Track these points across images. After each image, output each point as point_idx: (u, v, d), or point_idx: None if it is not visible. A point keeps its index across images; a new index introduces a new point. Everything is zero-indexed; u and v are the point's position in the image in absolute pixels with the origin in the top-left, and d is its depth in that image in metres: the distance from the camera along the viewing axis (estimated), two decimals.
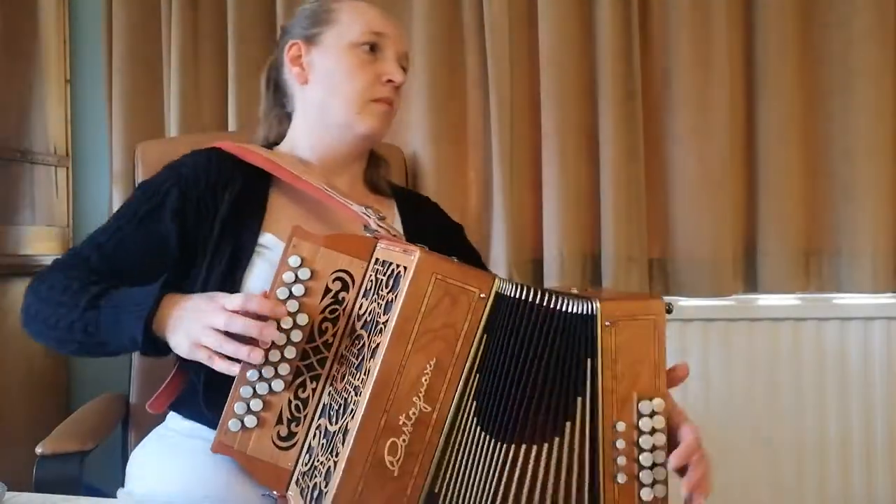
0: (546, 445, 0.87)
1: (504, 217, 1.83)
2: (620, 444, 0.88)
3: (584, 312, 0.88)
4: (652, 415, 0.89)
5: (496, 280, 0.86)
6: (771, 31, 1.82)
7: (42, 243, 2.02)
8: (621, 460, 0.88)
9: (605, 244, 1.82)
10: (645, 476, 0.89)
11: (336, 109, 1.21)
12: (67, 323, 1.03)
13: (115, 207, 1.45)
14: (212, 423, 1.00)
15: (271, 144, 1.30)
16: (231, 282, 1.09)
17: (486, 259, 1.87)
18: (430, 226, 1.30)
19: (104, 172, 2.06)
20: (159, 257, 1.12)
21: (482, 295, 0.85)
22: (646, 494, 0.89)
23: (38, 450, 1.22)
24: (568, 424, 0.87)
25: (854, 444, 1.82)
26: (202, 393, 1.06)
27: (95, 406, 1.47)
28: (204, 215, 1.13)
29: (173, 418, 1.15)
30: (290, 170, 1.16)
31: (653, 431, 0.89)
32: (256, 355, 0.91)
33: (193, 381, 1.09)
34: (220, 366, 0.93)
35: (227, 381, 0.95)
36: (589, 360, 0.88)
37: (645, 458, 0.89)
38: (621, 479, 0.88)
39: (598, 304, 0.88)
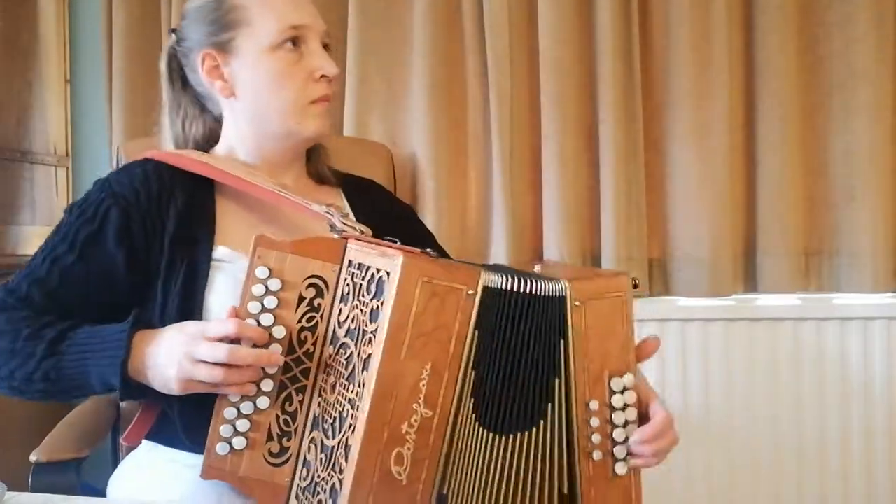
0: (533, 430, 0.87)
1: (504, 217, 1.83)
2: (595, 421, 0.89)
3: (555, 294, 0.87)
4: (623, 391, 0.90)
5: (482, 273, 0.84)
6: (771, 31, 1.81)
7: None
8: (596, 438, 0.89)
9: (604, 244, 1.82)
10: (619, 451, 0.91)
11: (274, 121, 1.12)
12: (25, 374, 0.96)
13: None
14: (192, 449, 0.97)
15: (202, 146, 1.20)
16: (192, 303, 1.01)
17: (485, 259, 1.88)
18: (380, 210, 1.22)
19: (104, 172, 2.04)
20: (107, 287, 1.03)
21: (470, 292, 0.83)
22: (620, 469, 0.91)
23: (33, 457, 1.16)
24: (549, 406, 0.87)
25: (854, 444, 1.82)
26: (179, 422, 0.99)
27: (87, 409, 1.44)
28: (151, 234, 1.04)
29: (149, 445, 1.08)
30: (238, 174, 1.08)
31: (625, 407, 0.91)
32: (249, 389, 0.89)
33: (167, 411, 1.02)
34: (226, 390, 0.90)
35: (204, 407, 0.91)
36: (561, 341, 0.87)
37: (618, 434, 0.91)
38: (597, 456, 0.89)
39: (567, 285, 0.87)
